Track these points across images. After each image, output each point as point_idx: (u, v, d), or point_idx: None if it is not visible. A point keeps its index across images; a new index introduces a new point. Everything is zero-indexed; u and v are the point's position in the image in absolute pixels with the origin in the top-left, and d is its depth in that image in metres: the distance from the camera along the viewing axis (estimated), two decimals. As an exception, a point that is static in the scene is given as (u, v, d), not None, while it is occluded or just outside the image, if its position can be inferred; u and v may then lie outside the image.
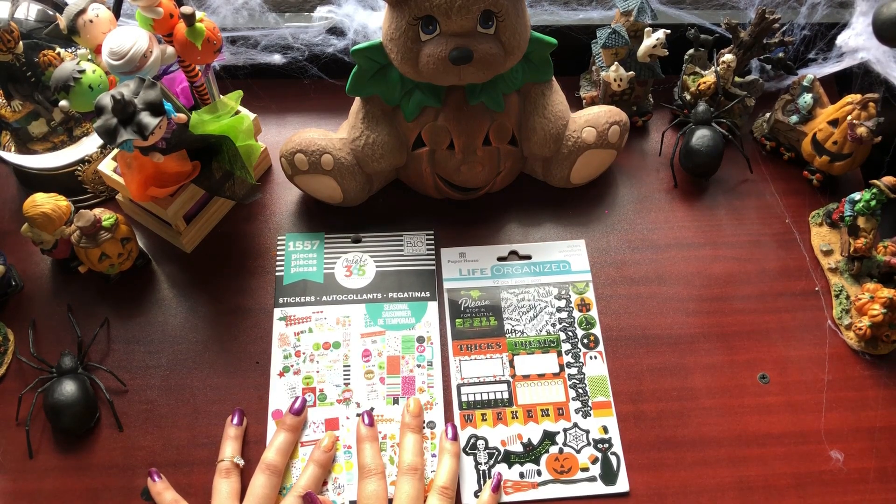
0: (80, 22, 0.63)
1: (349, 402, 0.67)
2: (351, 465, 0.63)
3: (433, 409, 0.66)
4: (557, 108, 0.75)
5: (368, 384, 0.67)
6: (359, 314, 0.71)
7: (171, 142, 0.63)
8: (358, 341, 0.69)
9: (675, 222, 0.79)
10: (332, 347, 0.69)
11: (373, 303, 0.71)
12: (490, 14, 0.63)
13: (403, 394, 0.67)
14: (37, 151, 0.75)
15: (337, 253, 0.74)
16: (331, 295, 0.71)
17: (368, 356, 0.69)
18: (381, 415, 0.66)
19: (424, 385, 0.67)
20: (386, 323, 0.70)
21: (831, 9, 0.85)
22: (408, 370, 0.68)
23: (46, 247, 0.70)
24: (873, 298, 0.70)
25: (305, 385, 0.67)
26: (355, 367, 0.68)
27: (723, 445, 0.67)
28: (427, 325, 0.71)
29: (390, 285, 0.72)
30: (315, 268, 0.73)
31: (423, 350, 0.69)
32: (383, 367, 0.68)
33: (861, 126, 0.74)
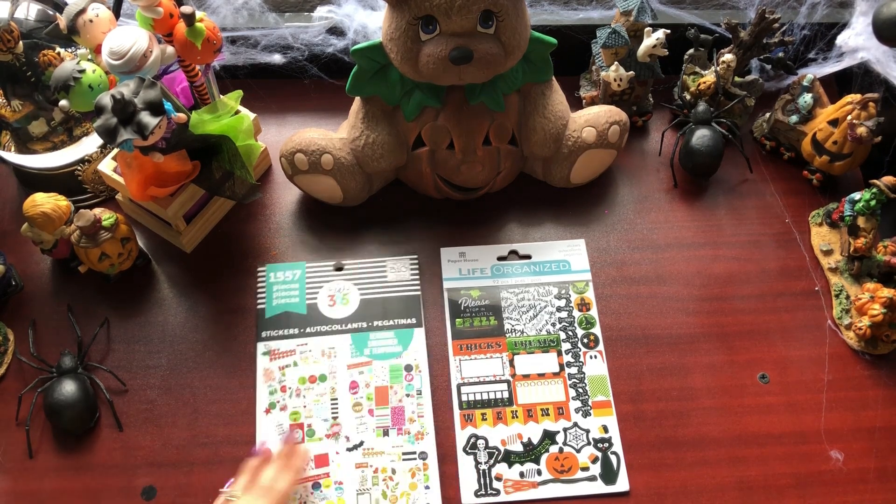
0: (80, 22, 0.63)
1: (338, 437, 0.65)
2: (343, 501, 0.63)
3: (425, 439, 0.65)
4: (557, 107, 0.75)
5: (357, 417, 0.66)
6: (344, 345, 0.69)
7: (171, 141, 0.63)
8: (344, 373, 0.68)
9: (675, 222, 0.79)
10: (319, 381, 0.67)
11: (358, 332, 0.70)
12: (490, 14, 0.63)
13: (393, 425, 0.66)
14: (37, 151, 0.75)
15: (319, 282, 0.72)
16: (315, 326, 0.70)
17: (356, 388, 0.67)
18: (371, 448, 0.65)
19: (414, 415, 0.66)
20: (372, 353, 0.69)
21: (831, 9, 0.85)
22: (397, 400, 0.67)
23: (46, 247, 0.70)
24: (873, 298, 0.70)
25: (293, 421, 0.66)
26: (343, 400, 0.67)
27: (723, 445, 0.67)
28: (415, 353, 0.69)
29: (375, 313, 0.71)
30: (297, 298, 0.71)
31: (412, 379, 0.68)
32: (371, 399, 0.67)
33: (861, 126, 0.74)
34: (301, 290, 0.71)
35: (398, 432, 0.65)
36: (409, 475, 0.64)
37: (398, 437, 0.65)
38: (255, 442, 0.66)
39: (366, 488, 0.63)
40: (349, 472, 0.64)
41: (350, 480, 0.64)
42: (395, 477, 0.64)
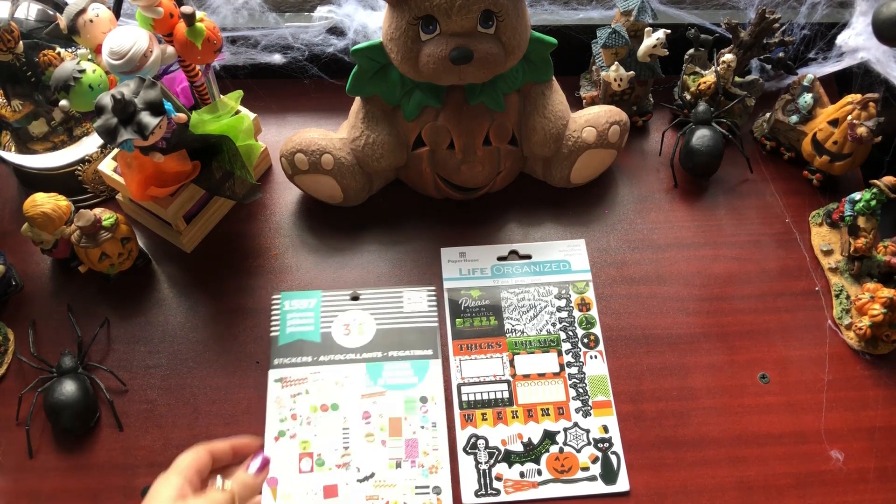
0: (81, 22, 0.63)
1: (348, 467, 0.63)
2: None
3: (439, 472, 0.63)
4: (557, 107, 0.75)
5: (369, 447, 0.64)
6: (359, 374, 0.67)
7: (172, 141, 0.63)
8: (357, 402, 0.66)
9: (676, 222, 0.79)
10: (331, 409, 0.66)
11: (373, 362, 0.68)
12: (490, 14, 0.63)
13: (407, 457, 0.64)
14: (37, 151, 0.75)
15: (334, 311, 0.70)
16: (328, 355, 0.68)
17: (369, 418, 0.65)
18: (382, 480, 0.62)
19: (429, 448, 0.64)
20: (387, 383, 0.67)
21: (831, 8, 0.85)
22: (411, 432, 0.65)
23: (46, 246, 0.70)
24: (873, 298, 0.70)
25: (302, 450, 0.64)
26: (355, 430, 0.65)
27: (723, 445, 0.67)
28: (430, 385, 0.67)
29: (391, 343, 0.69)
30: (312, 327, 0.69)
31: (427, 411, 0.66)
32: (384, 430, 0.65)
33: (861, 126, 0.74)
34: (316, 319, 0.70)
35: (412, 465, 0.64)
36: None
37: (411, 470, 0.63)
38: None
39: None
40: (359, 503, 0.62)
41: None
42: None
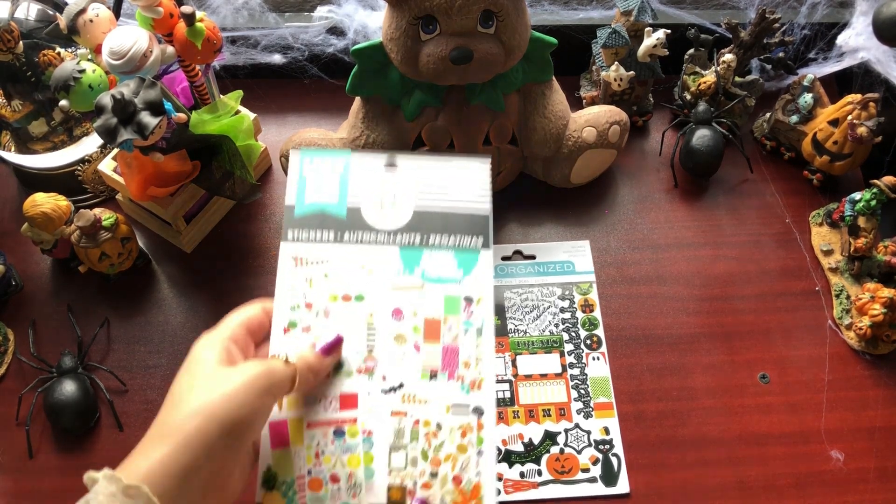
0: (80, 21, 0.63)
1: (372, 374, 0.50)
2: (371, 457, 0.48)
3: (482, 389, 0.50)
4: (558, 107, 0.75)
5: (399, 352, 0.51)
6: (391, 260, 0.53)
7: (171, 141, 0.63)
8: (388, 296, 0.52)
9: (676, 222, 0.79)
10: (354, 300, 0.52)
11: (409, 248, 0.53)
12: (490, 14, 0.63)
13: (444, 368, 0.51)
14: (37, 151, 0.75)
15: (365, 181, 0.55)
16: (356, 232, 0.54)
17: (400, 316, 0.52)
18: (412, 394, 0.50)
19: (471, 359, 0.51)
20: (425, 275, 0.53)
21: (831, 8, 0.85)
22: (451, 338, 0.51)
23: (46, 246, 0.70)
24: (874, 298, 0.70)
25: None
26: (383, 329, 0.51)
27: (723, 445, 0.67)
28: (477, 282, 0.53)
29: (432, 227, 0.54)
30: (336, 198, 0.54)
31: (472, 314, 0.52)
32: (419, 332, 0.52)
33: (861, 126, 0.74)
34: (342, 189, 0.54)
35: (449, 377, 0.51)
36: (459, 434, 0.49)
37: (449, 384, 0.50)
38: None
39: (402, 444, 0.49)
40: (383, 420, 0.49)
41: (382, 431, 0.49)
42: (440, 434, 0.49)
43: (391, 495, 0.47)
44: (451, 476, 0.48)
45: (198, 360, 0.41)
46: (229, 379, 0.40)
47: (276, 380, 0.41)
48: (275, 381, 0.41)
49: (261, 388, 0.40)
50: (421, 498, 0.47)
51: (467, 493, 0.47)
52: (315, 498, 0.47)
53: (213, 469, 0.38)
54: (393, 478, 0.47)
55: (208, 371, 0.41)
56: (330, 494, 0.47)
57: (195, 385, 0.40)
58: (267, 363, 0.42)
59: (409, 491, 0.47)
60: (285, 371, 0.42)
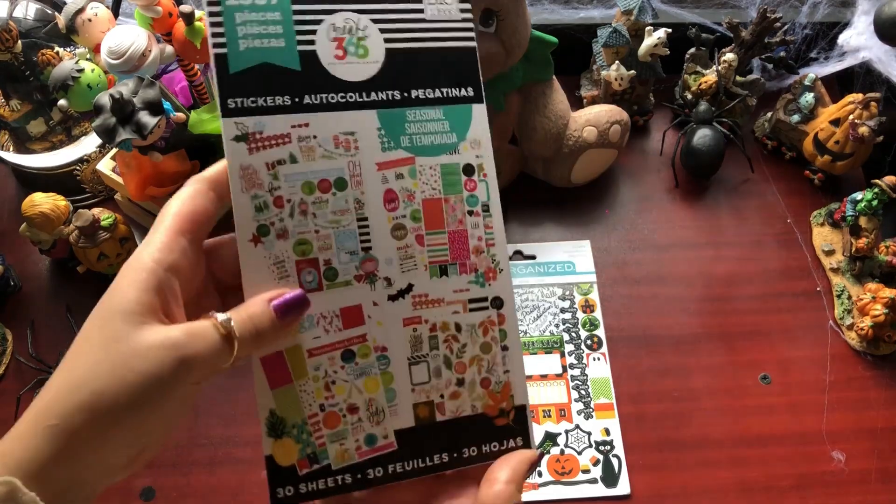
0: (79, 21, 0.62)
1: (374, 279, 0.41)
2: (390, 376, 0.41)
3: (498, 278, 0.43)
4: (558, 107, 0.75)
5: (400, 247, 0.42)
6: (369, 128, 0.42)
7: (170, 141, 0.62)
8: (374, 176, 0.42)
9: (677, 222, 0.79)
10: (335, 189, 0.41)
11: (389, 107, 0.43)
12: (491, 13, 0.63)
13: (453, 259, 0.43)
14: (35, 151, 0.75)
15: (315, 13, 0.42)
16: (318, 93, 0.41)
17: (394, 201, 0.42)
18: (424, 294, 0.42)
19: (482, 242, 0.43)
20: (414, 143, 0.43)
21: (833, 8, 0.84)
22: (455, 221, 0.43)
23: (45, 247, 0.70)
24: (875, 298, 0.70)
25: (300, 256, 0.40)
26: (376, 221, 0.42)
27: (724, 446, 0.66)
28: (475, 145, 0.44)
29: (412, 73, 0.43)
30: (283, 41, 0.41)
31: (475, 188, 0.44)
32: (419, 219, 0.42)
33: (863, 125, 0.74)
34: (286, 25, 0.41)
35: (461, 269, 0.43)
36: (480, 332, 0.43)
37: (461, 278, 0.43)
38: (256, 443, 0.66)
39: (421, 355, 0.42)
40: (395, 332, 0.42)
41: (397, 344, 0.42)
42: (461, 336, 0.43)
43: (418, 414, 0.41)
44: (479, 380, 0.42)
45: (102, 316, 0.32)
46: (120, 354, 0.31)
47: (190, 359, 0.31)
48: (189, 360, 0.31)
49: (163, 373, 0.31)
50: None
51: (497, 394, 0.43)
52: (334, 435, 0.40)
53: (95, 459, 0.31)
54: (417, 395, 0.41)
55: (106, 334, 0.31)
56: (351, 427, 0.40)
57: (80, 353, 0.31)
58: (183, 338, 0.32)
59: (438, 405, 0.42)
60: (212, 344, 0.32)
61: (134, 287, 0.32)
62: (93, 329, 0.32)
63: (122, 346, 0.31)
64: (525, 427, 0.43)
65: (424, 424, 0.41)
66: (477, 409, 0.42)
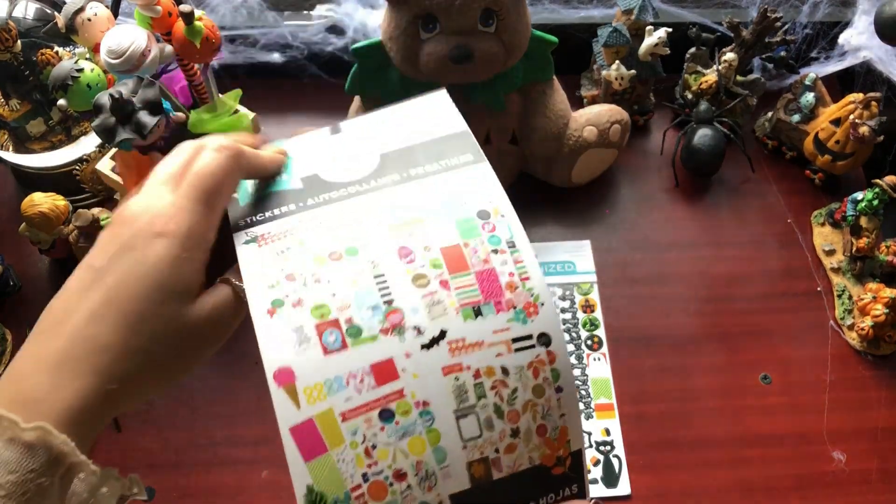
0: (79, 20, 0.62)
1: (402, 330, 0.38)
2: (437, 434, 0.37)
3: (540, 312, 0.39)
4: (558, 106, 0.75)
5: (425, 294, 0.39)
6: (374, 206, 0.42)
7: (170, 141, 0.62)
8: (386, 239, 0.40)
9: (677, 222, 0.79)
10: (347, 255, 0.40)
11: (391, 186, 0.43)
12: (491, 12, 0.63)
13: (486, 298, 0.39)
14: (35, 151, 0.75)
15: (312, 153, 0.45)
16: (321, 195, 0.43)
17: (409, 255, 0.40)
18: (461, 339, 0.38)
19: (515, 277, 0.40)
20: (422, 206, 0.42)
21: (833, 7, 0.84)
22: (480, 261, 0.40)
23: (44, 246, 0.70)
24: (876, 298, 0.70)
25: (319, 318, 0.38)
26: (394, 274, 0.39)
27: (724, 446, 0.66)
28: (485, 195, 0.42)
29: (408, 161, 0.44)
30: (286, 175, 0.44)
31: (494, 228, 0.41)
32: (440, 266, 0.40)
33: (863, 125, 0.74)
34: (287, 170, 0.44)
35: (497, 308, 0.39)
36: (530, 374, 0.39)
37: (499, 317, 0.39)
38: (255, 443, 0.66)
39: (468, 406, 0.38)
40: (435, 383, 0.38)
41: (440, 397, 0.37)
42: (510, 380, 0.38)
43: (473, 473, 0.37)
44: (535, 428, 0.38)
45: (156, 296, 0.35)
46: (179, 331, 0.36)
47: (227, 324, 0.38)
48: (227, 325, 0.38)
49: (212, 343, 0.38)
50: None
51: (554, 441, 0.38)
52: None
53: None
54: (470, 451, 0.37)
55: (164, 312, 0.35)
56: (400, 497, 0.36)
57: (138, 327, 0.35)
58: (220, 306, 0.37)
59: (493, 460, 0.37)
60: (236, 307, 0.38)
61: (190, 268, 0.36)
62: (149, 306, 0.35)
63: (179, 323, 0.35)
64: (581, 473, 0.39)
65: (481, 484, 0.37)
66: (535, 461, 0.38)
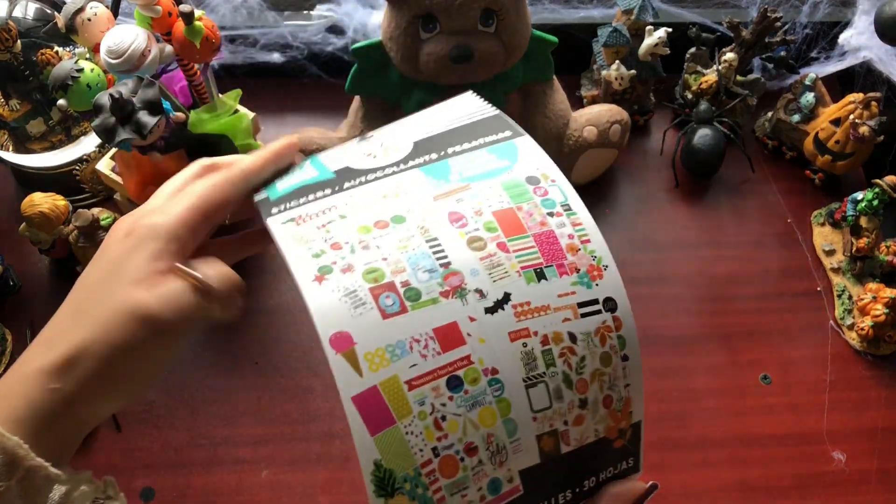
0: (79, 20, 0.62)
1: (464, 292, 0.35)
2: (507, 404, 0.34)
3: (604, 276, 0.39)
4: (558, 106, 0.75)
5: (482, 257, 0.37)
6: (414, 180, 0.40)
7: (170, 141, 0.62)
8: (433, 206, 0.38)
9: (677, 222, 0.79)
10: (393, 223, 0.38)
11: (430, 164, 0.41)
12: (491, 12, 0.62)
13: (548, 261, 0.37)
14: (35, 151, 0.75)
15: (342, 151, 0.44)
16: (356, 178, 0.41)
17: (462, 220, 0.38)
18: (526, 302, 0.36)
19: (575, 240, 0.39)
20: (464, 176, 0.40)
21: (833, 7, 0.84)
22: (537, 224, 0.39)
23: (44, 246, 0.70)
24: (876, 298, 0.70)
25: (373, 283, 0.35)
26: (448, 237, 0.37)
27: (724, 446, 0.66)
28: (532, 163, 0.41)
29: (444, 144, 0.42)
30: (318, 170, 0.42)
31: (547, 192, 0.40)
32: (495, 229, 0.38)
33: (863, 125, 0.74)
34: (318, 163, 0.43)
35: (560, 271, 0.38)
36: (598, 341, 0.37)
37: (562, 280, 0.38)
38: (254, 443, 0.66)
39: (537, 374, 0.35)
40: (503, 349, 0.35)
41: (508, 364, 0.35)
42: (578, 348, 0.36)
43: (543, 447, 0.34)
44: (602, 399, 0.36)
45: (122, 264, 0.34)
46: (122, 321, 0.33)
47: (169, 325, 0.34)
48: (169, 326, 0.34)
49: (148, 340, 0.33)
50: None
51: (618, 412, 0.36)
52: (453, 485, 0.33)
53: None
54: (540, 423, 0.34)
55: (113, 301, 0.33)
56: (472, 474, 0.33)
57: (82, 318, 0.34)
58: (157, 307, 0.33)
59: (562, 433, 0.35)
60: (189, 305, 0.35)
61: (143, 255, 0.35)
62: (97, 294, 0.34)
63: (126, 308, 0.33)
64: (638, 445, 0.38)
65: (550, 459, 0.35)
66: (600, 434, 0.36)
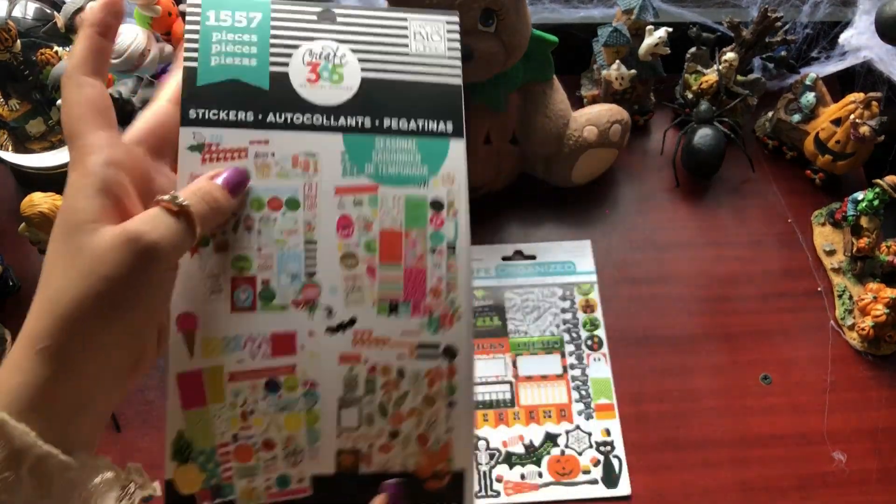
0: (78, 20, 0.62)
1: (314, 307, 0.38)
2: (315, 415, 0.37)
3: (454, 326, 0.39)
4: (558, 106, 0.74)
5: (348, 277, 0.39)
6: (333, 151, 0.40)
7: (170, 141, 0.62)
8: (330, 200, 0.39)
9: (677, 222, 0.79)
10: (286, 208, 0.39)
11: (357, 132, 0.40)
12: (490, 12, 0.62)
13: (407, 297, 0.39)
14: (34, 150, 0.75)
15: (294, 38, 0.41)
16: (283, 113, 0.39)
17: (348, 228, 0.39)
18: (367, 331, 0.38)
19: (442, 283, 0.40)
20: (379, 171, 0.40)
21: (834, 7, 0.84)
22: (415, 257, 0.40)
23: (44, 246, 0.70)
24: (876, 299, 0.70)
25: (237, 272, 0.37)
26: (325, 246, 0.39)
27: (725, 446, 0.66)
28: (448, 181, 0.41)
29: (386, 103, 0.41)
30: (255, 61, 0.39)
31: (442, 224, 0.41)
32: (373, 250, 0.39)
33: (864, 125, 0.74)
34: (261, 48, 0.40)
35: (413, 310, 0.39)
36: (426, 382, 0.39)
37: (412, 320, 0.39)
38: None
39: (354, 397, 0.38)
40: (329, 367, 0.38)
41: (329, 382, 0.38)
42: (402, 384, 0.39)
43: (341, 462, 0.37)
44: (416, 435, 0.38)
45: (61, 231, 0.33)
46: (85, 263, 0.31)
47: (151, 248, 0.31)
48: (150, 249, 0.31)
49: (129, 270, 0.31)
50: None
51: (435, 453, 0.38)
52: (244, 469, 0.36)
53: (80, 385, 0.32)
54: (343, 441, 0.37)
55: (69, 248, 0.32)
56: (263, 464, 0.37)
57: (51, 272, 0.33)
58: (137, 229, 0.31)
59: (364, 455, 0.37)
60: (169, 227, 0.32)
61: (82, 194, 0.33)
62: (56, 246, 0.32)
63: (84, 255, 0.31)
64: (460, 496, 0.38)
65: (345, 474, 0.37)
66: (408, 468, 0.38)
